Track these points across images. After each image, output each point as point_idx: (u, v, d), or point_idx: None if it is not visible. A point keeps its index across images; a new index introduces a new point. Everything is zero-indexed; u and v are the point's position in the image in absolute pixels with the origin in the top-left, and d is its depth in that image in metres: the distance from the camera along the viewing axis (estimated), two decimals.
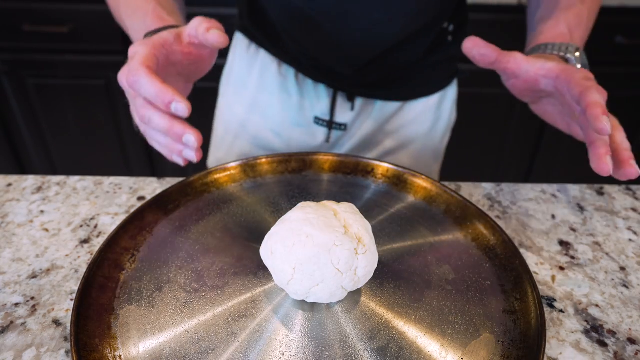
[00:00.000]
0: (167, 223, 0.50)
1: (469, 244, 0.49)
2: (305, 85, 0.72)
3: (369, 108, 0.73)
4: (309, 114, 0.73)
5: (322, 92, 0.72)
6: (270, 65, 0.72)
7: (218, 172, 0.57)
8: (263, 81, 0.73)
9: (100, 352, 0.37)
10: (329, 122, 0.73)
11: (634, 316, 0.46)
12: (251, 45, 0.74)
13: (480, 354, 0.38)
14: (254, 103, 0.75)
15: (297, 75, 0.72)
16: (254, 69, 0.74)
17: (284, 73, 0.72)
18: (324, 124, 0.73)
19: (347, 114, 0.73)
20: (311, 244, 0.38)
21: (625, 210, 0.60)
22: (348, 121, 0.73)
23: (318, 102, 0.72)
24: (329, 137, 0.74)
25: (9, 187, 0.61)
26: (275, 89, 0.73)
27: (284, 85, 0.72)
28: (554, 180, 0.71)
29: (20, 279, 0.48)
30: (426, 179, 0.55)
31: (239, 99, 0.76)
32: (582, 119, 0.45)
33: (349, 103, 0.72)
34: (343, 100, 0.72)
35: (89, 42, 1.40)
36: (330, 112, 0.72)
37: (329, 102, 0.72)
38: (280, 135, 0.75)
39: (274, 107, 0.74)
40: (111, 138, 1.58)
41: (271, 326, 0.40)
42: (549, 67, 0.47)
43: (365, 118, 0.73)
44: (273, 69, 0.72)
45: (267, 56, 0.72)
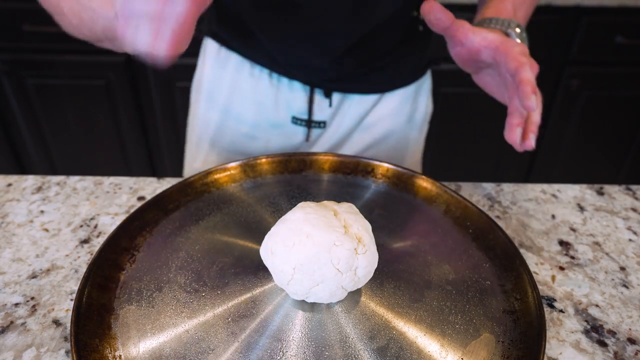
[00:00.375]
0: (167, 223, 0.50)
1: (469, 244, 0.49)
2: (280, 85, 0.71)
3: (346, 103, 0.72)
4: (285, 114, 0.72)
5: (298, 91, 0.71)
6: (242, 69, 0.71)
7: (218, 172, 0.57)
8: (236, 85, 0.72)
9: (100, 352, 0.37)
10: (307, 120, 0.72)
11: (634, 316, 0.46)
12: (221, 50, 0.72)
13: (480, 354, 0.38)
14: (228, 108, 0.74)
15: (270, 75, 0.71)
16: (226, 74, 0.73)
17: (257, 75, 0.71)
18: (302, 123, 0.72)
19: (326, 111, 0.72)
20: (311, 244, 0.38)
21: (625, 210, 0.60)
22: (327, 118, 0.72)
23: (294, 101, 0.71)
24: (308, 135, 0.74)
25: (9, 187, 0.61)
26: (249, 92, 0.72)
27: (258, 87, 0.71)
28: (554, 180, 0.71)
29: (20, 279, 0.48)
30: (426, 179, 0.55)
31: (212, 106, 0.75)
32: (512, 90, 0.50)
33: (327, 99, 0.71)
34: (320, 97, 0.71)
35: (89, 42, 1.40)
36: (309, 110, 0.71)
37: (306, 100, 0.71)
38: (257, 138, 0.74)
39: (249, 111, 0.73)
40: (111, 138, 1.58)
41: (271, 326, 0.40)
42: (490, 38, 0.50)
43: (343, 114, 0.73)
44: (245, 72, 0.71)
45: (238, 59, 0.71)
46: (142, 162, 1.64)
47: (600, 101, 1.48)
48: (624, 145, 1.57)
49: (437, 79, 1.47)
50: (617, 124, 1.54)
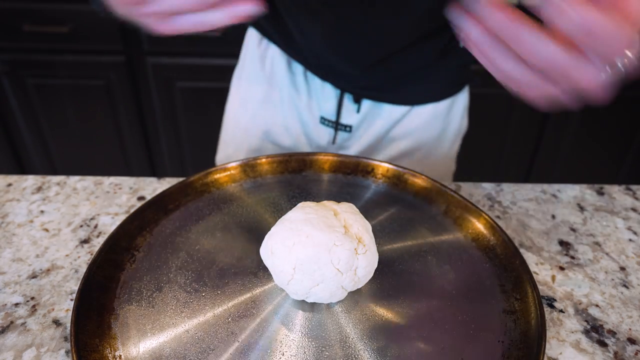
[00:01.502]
0: (167, 223, 0.50)
1: (469, 244, 0.49)
2: (313, 84, 0.72)
3: (376, 111, 0.72)
4: (315, 113, 0.73)
5: (329, 92, 0.72)
6: (280, 61, 0.73)
7: (218, 172, 0.57)
8: (274, 76, 0.74)
9: (100, 352, 0.37)
10: (334, 123, 0.73)
11: (634, 316, 0.46)
12: (262, 41, 0.74)
13: (480, 354, 0.38)
14: (266, 98, 0.75)
15: (305, 73, 0.72)
16: (265, 64, 0.74)
17: (294, 69, 0.72)
18: (329, 125, 0.73)
19: (353, 116, 0.72)
20: (311, 244, 0.38)
21: (625, 210, 0.60)
22: (354, 123, 0.73)
23: (325, 102, 0.72)
24: (334, 138, 0.74)
25: (9, 187, 0.61)
26: (285, 85, 0.73)
27: (293, 81, 0.73)
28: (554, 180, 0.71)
29: (20, 279, 0.48)
30: (426, 179, 0.55)
31: (251, 94, 0.76)
32: None
33: (356, 105, 0.71)
34: (349, 102, 0.72)
35: (89, 42, 1.40)
36: (337, 113, 0.72)
37: (335, 102, 0.72)
38: (290, 131, 0.75)
39: (284, 103, 0.74)
40: (111, 138, 1.58)
41: (271, 326, 0.40)
42: None
43: (372, 121, 0.73)
44: (283, 64, 0.72)
45: (277, 52, 0.73)
46: (142, 162, 1.64)
47: None
48: (624, 145, 1.57)
49: None
50: (617, 124, 1.54)
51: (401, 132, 0.74)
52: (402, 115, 0.73)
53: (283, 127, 0.75)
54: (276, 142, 0.77)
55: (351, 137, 0.74)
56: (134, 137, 1.58)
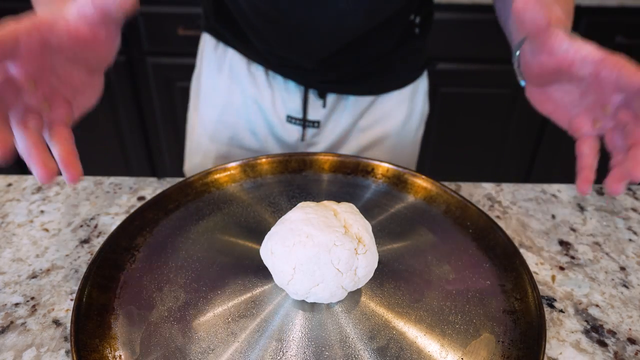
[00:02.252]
0: (167, 223, 0.50)
1: (469, 244, 0.49)
2: (275, 83, 0.71)
3: (341, 104, 0.72)
4: (281, 113, 0.73)
5: (293, 90, 0.71)
6: (239, 65, 0.72)
7: (218, 172, 0.57)
8: (233, 81, 0.73)
9: (100, 352, 0.37)
10: (301, 120, 0.72)
11: (634, 316, 0.46)
12: (219, 45, 0.73)
13: (480, 354, 0.38)
14: (227, 103, 0.74)
15: (267, 73, 0.71)
16: (224, 69, 0.73)
17: (254, 72, 0.71)
18: (297, 122, 0.73)
19: (320, 111, 0.72)
20: (311, 244, 0.38)
21: (625, 210, 0.60)
22: (321, 118, 0.73)
23: (290, 100, 0.72)
24: (303, 135, 0.74)
25: (9, 187, 0.61)
26: (247, 88, 0.72)
27: (255, 83, 0.72)
28: (554, 180, 0.71)
29: (20, 279, 0.48)
30: (426, 179, 0.55)
31: (211, 101, 0.75)
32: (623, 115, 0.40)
33: (321, 100, 0.71)
34: (314, 97, 0.71)
35: None
36: (303, 110, 0.72)
37: (300, 99, 0.71)
38: (256, 134, 0.75)
39: (247, 107, 0.73)
40: (111, 138, 1.58)
41: (271, 326, 0.40)
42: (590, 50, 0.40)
43: (338, 115, 0.73)
44: (243, 68, 0.72)
45: (235, 55, 0.72)
46: (142, 162, 1.64)
47: None
48: None
49: (436, 79, 1.48)
50: None
51: (368, 122, 0.74)
52: (368, 105, 0.73)
53: (249, 131, 0.75)
54: (243, 146, 0.76)
55: (319, 132, 0.74)
56: (134, 137, 1.58)
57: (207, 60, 0.75)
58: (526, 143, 1.58)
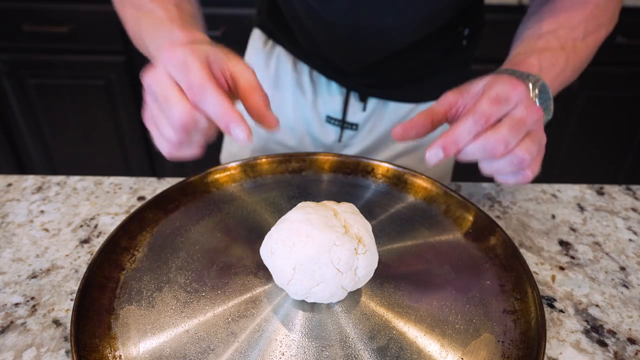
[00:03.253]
0: (167, 223, 0.50)
1: (469, 244, 0.49)
2: (318, 83, 0.73)
3: (381, 109, 0.73)
4: (321, 112, 0.74)
5: (335, 91, 0.72)
6: (285, 62, 0.73)
7: (218, 172, 0.57)
8: (279, 77, 0.74)
9: (100, 352, 0.37)
10: (341, 121, 0.73)
11: (634, 316, 0.46)
12: (268, 42, 0.75)
13: (480, 354, 0.38)
14: (271, 98, 0.74)
15: (311, 72, 0.72)
16: (270, 65, 0.75)
17: (299, 70, 0.73)
18: (335, 123, 0.74)
19: (359, 114, 0.73)
20: (311, 244, 0.38)
21: (625, 210, 0.60)
22: (360, 121, 0.74)
23: (330, 101, 0.73)
24: (341, 136, 0.75)
25: (9, 187, 0.61)
26: (290, 86, 0.74)
27: (299, 81, 0.73)
28: (554, 180, 0.71)
29: (20, 279, 0.48)
30: (426, 179, 0.55)
31: None
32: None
33: (361, 103, 0.72)
34: (355, 100, 0.72)
35: (89, 42, 1.40)
36: (343, 111, 0.73)
37: (341, 101, 0.72)
38: (295, 131, 0.76)
39: (289, 104, 0.74)
40: (111, 138, 1.58)
41: (271, 326, 0.40)
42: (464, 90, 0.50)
43: (377, 119, 0.74)
44: (288, 65, 0.73)
45: (282, 52, 0.73)
46: (142, 162, 1.64)
47: (600, 101, 1.48)
48: (624, 145, 1.57)
49: None
50: (617, 124, 1.54)
51: None
52: (408, 112, 0.74)
53: (288, 127, 0.76)
54: (281, 142, 0.77)
55: (357, 134, 0.75)
56: (134, 137, 1.58)
57: (255, 54, 0.76)
58: None
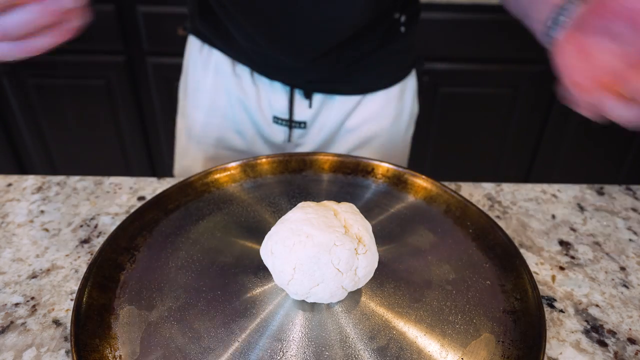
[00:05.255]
0: (167, 223, 0.50)
1: (469, 244, 0.49)
2: (261, 83, 0.71)
3: (328, 104, 0.72)
4: (267, 114, 0.73)
5: (279, 91, 0.71)
6: (224, 66, 0.72)
7: (218, 172, 0.57)
8: (218, 82, 0.73)
9: (100, 352, 0.37)
10: (288, 120, 0.72)
11: (634, 316, 0.46)
12: (204, 47, 0.73)
13: (480, 354, 0.38)
14: (213, 105, 0.74)
15: (252, 74, 0.71)
16: (209, 71, 0.73)
17: (239, 73, 0.71)
18: (283, 123, 0.73)
19: (306, 112, 0.72)
20: (311, 244, 0.38)
21: (625, 210, 0.60)
22: (307, 119, 0.73)
23: (276, 101, 0.72)
24: (290, 136, 0.74)
25: (9, 187, 0.61)
26: (232, 90, 0.72)
27: (240, 85, 0.72)
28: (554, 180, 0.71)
29: (20, 279, 0.48)
30: (426, 179, 0.55)
31: (197, 103, 0.75)
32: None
33: (307, 100, 0.71)
34: (300, 98, 0.71)
35: (89, 42, 1.40)
36: (289, 111, 0.71)
37: (286, 100, 0.71)
38: (243, 134, 0.75)
39: (233, 108, 0.73)
40: (111, 138, 1.58)
41: (271, 326, 0.40)
42: None
43: (325, 115, 0.73)
44: (227, 69, 0.71)
45: (220, 57, 0.71)
46: (142, 162, 1.64)
47: None
48: (624, 145, 1.57)
49: (436, 79, 1.48)
50: (617, 124, 1.54)
51: (356, 122, 0.74)
52: (355, 105, 0.73)
53: (235, 132, 0.75)
54: (231, 147, 0.76)
55: (306, 132, 0.74)
56: (134, 137, 1.58)
57: (192, 62, 0.75)
58: (526, 143, 1.58)
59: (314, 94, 0.71)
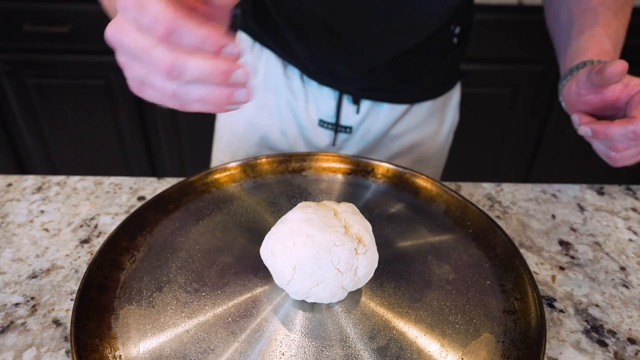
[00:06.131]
0: (167, 223, 0.50)
1: (469, 244, 0.49)
2: (310, 87, 0.72)
3: (375, 111, 0.72)
4: (313, 116, 0.73)
5: (328, 95, 0.71)
6: (275, 66, 0.72)
7: (218, 172, 0.57)
8: (268, 81, 0.73)
9: (100, 352, 0.37)
10: (334, 125, 0.73)
11: (634, 316, 0.46)
12: (255, 45, 0.73)
13: (480, 354, 0.38)
14: (261, 103, 0.74)
15: (302, 77, 0.71)
16: (259, 68, 0.73)
17: (289, 74, 0.72)
18: (329, 127, 0.73)
19: (353, 117, 0.72)
20: (311, 244, 0.38)
21: (625, 210, 0.60)
22: (353, 124, 0.73)
23: (323, 105, 0.72)
24: (335, 140, 0.74)
25: (9, 187, 0.61)
26: (282, 90, 0.72)
27: (290, 86, 0.72)
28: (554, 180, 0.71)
29: (20, 279, 0.48)
30: (426, 179, 0.55)
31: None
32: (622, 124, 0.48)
33: (355, 106, 0.71)
34: (348, 103, 0.71)
35: (89, 42, 1.40)
36: (336, 115, 0.72)
37: (334, 104, 0.71)
38: (287, 136, 0.75)
39: (281, 108, 0.73)
40: (111, 138, 1.58)
41: (271, 326, 0.40)
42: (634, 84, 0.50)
43: (371, 121, 0.73)
44: (279, 69, 0.72)
45: (271, 56, 0.72)
46: (142, 162, 1.64)
47: None
48: None
49: None
50: None
51: (400, 130, 0.74)
52: (402, 113, 0.73)
53: (280, 132, 0.75)
54: (273, 147, 0.76)
55: (351, 137, 0.74)
56: (134, 137, 1.58)
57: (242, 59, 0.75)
58: (526, 143, 1.58)
59: (362, 100, 0.71)
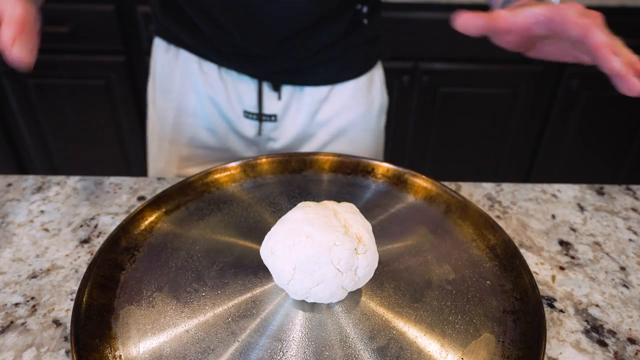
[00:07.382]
0: (167, 223, 0.50)
1: (469, 244, 0.49)
2: (228, 79, 0.72)
3: (297, 96, 0.73)
4: (237, 109, 0.73)
5: (247, 84, 0.72)
6: (191, 65, 0.72)
7: (218, 172, 0.57)
8: (186, 82, 0.73)
9: (100, 352, 0.37)
10: (258, 114, 0.73)
11: (634, 316, 0.46)
12: (170, 47, 0.73)
13: (480, 354, 0.38)
14: (182, 105, 0.75)
15: (219, 70, 0.72)
16: (176, 71, 0.73)
17: (206, 70, 0.72)
18: (254, 117, 0.73)
19: (276, 104, 0.73)
20: (311, 243, 0.38)
21: (625, 210, 0.60)
22: (277, 112, 0.73)
23: (244, 95, 0.72)
24: (260, 129, 0.74)
25: (9, 187, 0.61)
26: (200, 88, 0.73)
27: (208, 82, 0.72)
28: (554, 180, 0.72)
29: (20, 279, 0.48)
30: (426, 179, 0.55)
31: (167, 104, 0.76)
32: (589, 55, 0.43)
33: (276, 92, 0.72)
34: (269, 90, 0.72)
35: (89, 42, 1.40)
36: (258, 104, 0.72)
37: (255, 94, 0.72)
38: (215, 132, 0.76)
39: (203, 106, 0.74)
40: (111, 138, 1.58)
41: (271, 326, 0.40)
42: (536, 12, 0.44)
43: (295, 108, 0.74)
44: (194, 67, 0.72)
45: (187, 56, 0.72)
46: (142, 162, 1.64)
47: (600, 101, 1.48)
48: (624, 145, 1.57)
49: (436, 79, 1.48)
50: (617, 124, 1.54)
51: (327, 114, 0.75)
52: (324, 96, 0.73)
53: (207, 130, 0.75)
54: (204, 145, 0.77)
55: (278, 126, 0.75)
56: (134, 137, 1.58)
57: (159, 63, 0.75)
58: (526, 143, 1.58)
59: (282, 86, 0.72)
